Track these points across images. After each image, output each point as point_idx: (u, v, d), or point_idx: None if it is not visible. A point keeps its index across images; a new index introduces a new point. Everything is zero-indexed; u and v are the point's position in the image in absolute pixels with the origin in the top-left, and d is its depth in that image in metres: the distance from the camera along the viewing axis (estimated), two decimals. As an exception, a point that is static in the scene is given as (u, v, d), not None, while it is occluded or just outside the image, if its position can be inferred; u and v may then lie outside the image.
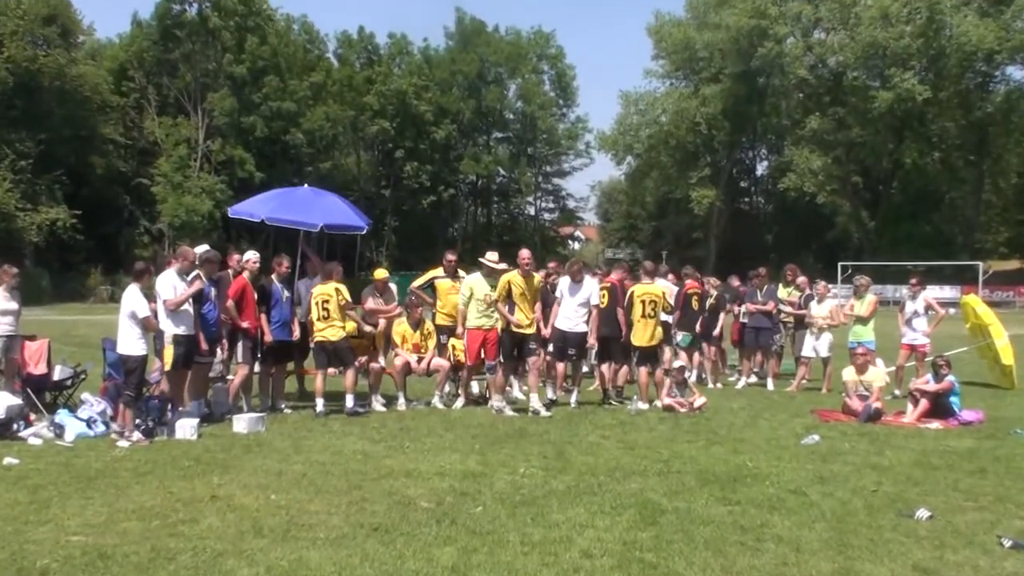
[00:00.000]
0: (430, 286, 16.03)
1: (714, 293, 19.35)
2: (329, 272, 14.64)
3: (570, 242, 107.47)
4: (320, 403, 14.02)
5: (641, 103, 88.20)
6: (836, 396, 16.07)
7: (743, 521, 8.07)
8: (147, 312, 11.83)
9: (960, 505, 8.78)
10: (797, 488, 9.30)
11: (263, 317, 14.13)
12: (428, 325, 15.69)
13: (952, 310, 36.43)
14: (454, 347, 15.66)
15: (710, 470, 10.17)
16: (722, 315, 19.38)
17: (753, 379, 19.34)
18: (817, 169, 76.53)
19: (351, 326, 14.56)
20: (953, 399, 14.36)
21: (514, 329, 14.38)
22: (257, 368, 14.55)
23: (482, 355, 14.63)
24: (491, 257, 14.98)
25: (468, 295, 14.57)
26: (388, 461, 10.47)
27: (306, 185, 17.14)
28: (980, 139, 74.11)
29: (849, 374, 14.98)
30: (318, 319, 14.16)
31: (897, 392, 17.12)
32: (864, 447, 11.80)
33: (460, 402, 15.04)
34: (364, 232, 16.36)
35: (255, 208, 15.71)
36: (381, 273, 16.17)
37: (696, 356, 18.74)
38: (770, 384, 18.47)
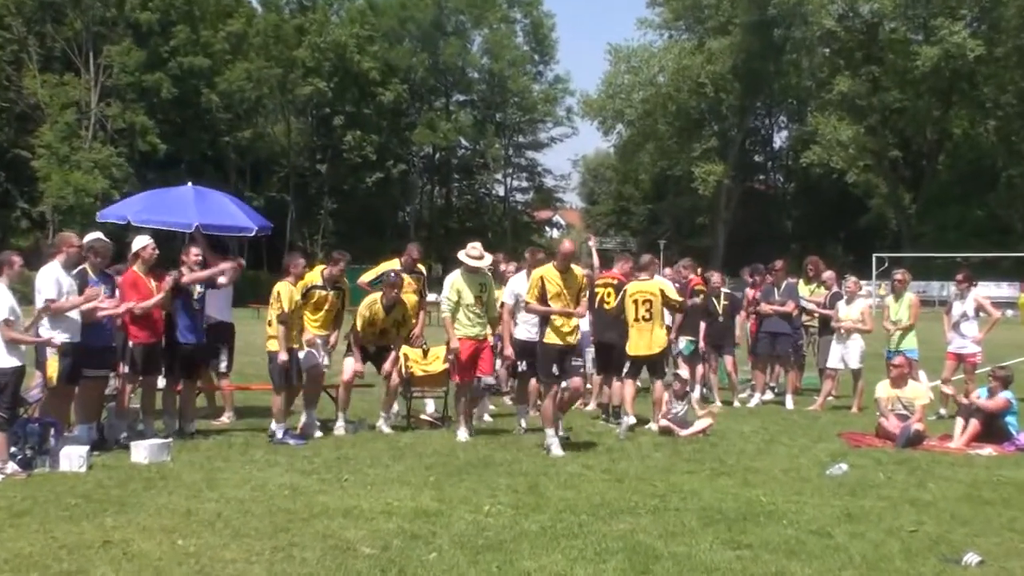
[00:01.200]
0: (382, 282, 16.02)
1: (724, 291, 19.44)
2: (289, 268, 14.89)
3: (548, 229, 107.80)
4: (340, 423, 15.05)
5: (634, 59, 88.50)
6: (869, 416, 16.17)
7: (755, 569, 8.11)
8: (7, 314, 11.49)
9: (1017, 548, 8.85)
10: (820, 528, 9.34)
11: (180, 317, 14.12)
12: (406, 310, 15.52)
13: (1009, 312, 36.83)
14: (406, 356, 15.65)
15: (715, 507, 10.19)
16: (738, 318, 19.50)
17: (769, 395, 19.45)
18: (847, 141, 76.97)
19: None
20: (1010, 419, 14.48)
21: (551, 340, 13.53)
22: (161, 383, 14.48)
23: (466, 371, 14.48)
24: (472, 252, 14.66)
25: (455, 299, 14.44)
26: (322, 497, 10.44)
27: (190, 184, 17.41)
28: (1044, 105, 74.63)
29: (884, 389, 15.08)
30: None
31: (943, 411, 17.26)
32: (902, 478, 11.87)
33: (463, 433, 14.39)
34: (253, 235, 16.82)
35: (124, 209, 16.58)
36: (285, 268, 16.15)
37: (700, 367, 18.82)
38: (789, 402, 18.57)
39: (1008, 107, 76.63)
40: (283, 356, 14.06)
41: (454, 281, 14.62)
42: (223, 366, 16.03)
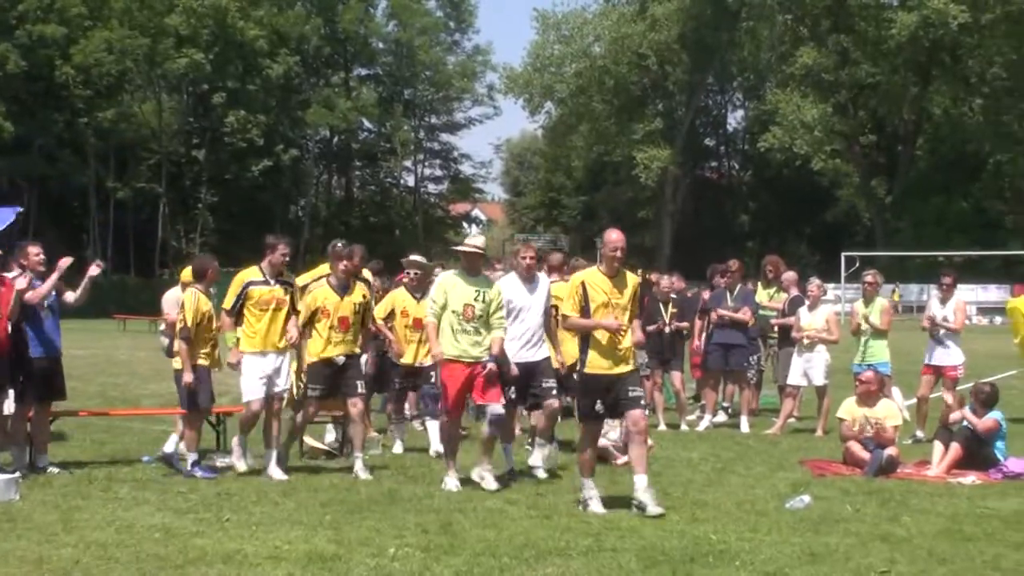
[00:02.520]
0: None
1: (672, 297, 19.56)
2: (204, 271, 14.85)
3: (466, 225, 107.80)
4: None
5: (565, 27, 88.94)
6: (836, 440, 16.35)
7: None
8: None
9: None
10: (778, 570, 9.44)
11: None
12: (368, 290, 15.27)
13: (998, 319, 37.37)
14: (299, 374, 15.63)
15: (658, 546, 10.25)
16: (698, 325, 19.63)
17: (721, 417, 19.59)
18: (812, 122, 77.76)
19: None
20: (998, 443, 14.70)
21: (596, 369, 11.98)
22: (9, 408, 14.33)
23: (467, 398, 13.40)
24: (474, 241, 13.67)
25: (441, 304, 13.21)
26: (199, 540, 10.39)
27: None
28: (1036, 80, 75.73)
29: (852, 409, 15.24)
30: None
31: (919, 434, 17.48)
32: (872, 511, 12.02)
33: (451, 482, 13.16)
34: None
35: None
36: (190, 272, 16.04)
37: (648, 384, 18.97)
38: (744, 425, 18.73)
39: (996, 83, 77.74)
40: (188, 376, 14.00)
41: (442, 280, 13.66)
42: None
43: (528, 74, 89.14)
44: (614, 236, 12.21)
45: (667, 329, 19.10)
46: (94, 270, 14.43)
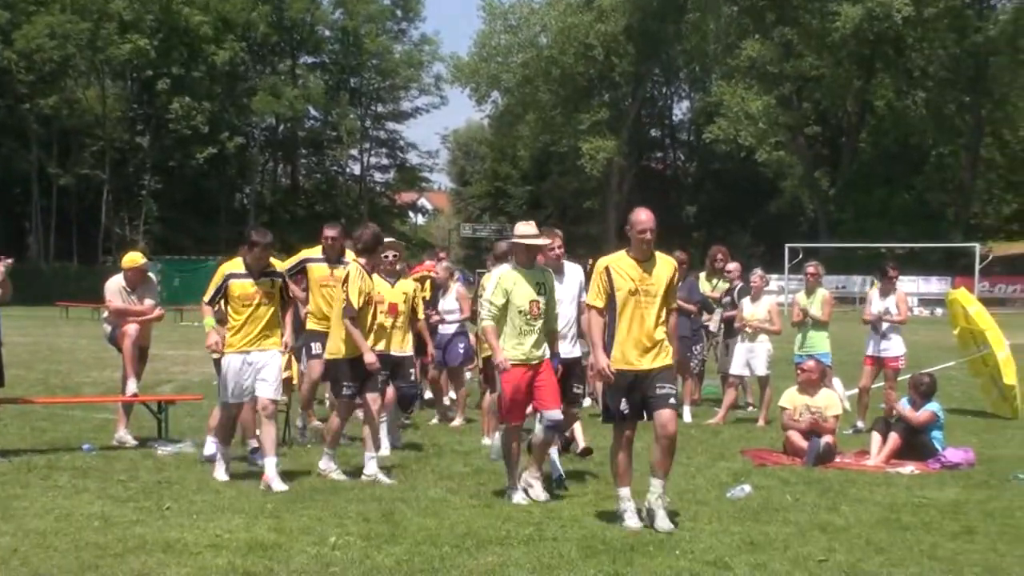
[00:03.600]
0: (301, 270, 15.81)
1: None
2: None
3: (412, 214, 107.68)
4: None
5: (512, 17, 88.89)
6: (777, 430, 16.44)
7: (641, 606, 8.21)
8: None
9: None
10: (718, 559, 9.50)
11: None
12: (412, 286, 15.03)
13: (939, 310, 37.66)
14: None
15: (598, 536, 10.32)
16: None
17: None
18: (756, 113, 78.08)
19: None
20: (935, 433, 14.83)
21: (620, 364, 10.82)
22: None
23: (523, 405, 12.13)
24: (527, 230, 12.12)
25: (500, 303, 11.93)
26: (139, 529, 10.36)
27: None
28: (978, 74, 76.35)
29: (793, 398, 15.33)
30: None
31: (860, 424, 17.60)
32: (812, 500, 12.10)
33: (519, 496, 11.95)
34: None
35: None
36: (134, 259, 15.95)
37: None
38: (687, 414, 18.79)
39: (939, 76, 78.27)
40: (370, 358, 13.18)
41: (501, 277, 12.11)
42: None
43: (475, 63, 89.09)
44: (643, 217, 10.97)
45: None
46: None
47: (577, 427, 14.54)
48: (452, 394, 19.09)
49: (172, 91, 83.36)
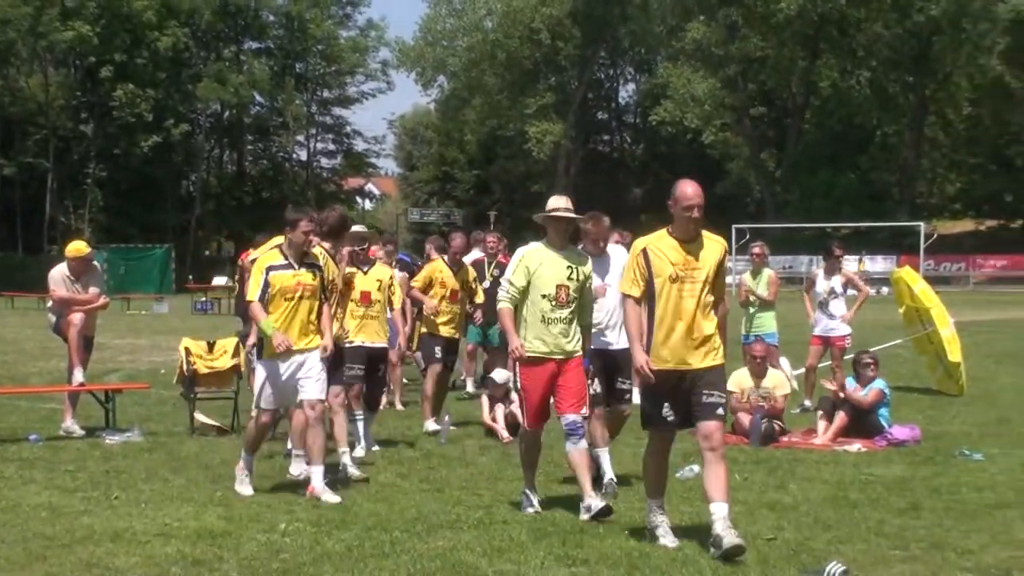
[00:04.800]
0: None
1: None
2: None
3: (359, 199, 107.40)
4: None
5: (457, 1, 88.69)
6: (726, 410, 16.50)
7: (592, 587, 8.22)
8: None
9: (885, 555, 9.15)
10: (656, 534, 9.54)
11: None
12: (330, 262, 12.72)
13: (884, 289, 37.94)
14: (188, 351, 15.55)
15: (548, 517, 10.35)
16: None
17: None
18: (702, 95, 78.31)
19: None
20: (881, 411, 14.95)
21: (660, 363, 9.39)
22: None
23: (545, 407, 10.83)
24: (558, 203, 10.82)
25: (521, 285, 10.60)
26: (87, 519, 10.30)
27: None
28: (921, 54, 76.82)
29: (740, 380, 15.40)
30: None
31: (807, 403, 17.71)
32: (760, 479, 12.17)
33: (531, 504, 10.79)
34: None
35: None
36: (78, 248, 15.85)
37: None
38: (636, 395, 18.79)
39: (882, 56, 78.71)
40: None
41: (525, 255, 10.74)
42: None
43: (420, 48, 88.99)
44: (689, 191, 9.52)
45: None
46: None
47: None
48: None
49: (116, 78, 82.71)
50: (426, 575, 8.51)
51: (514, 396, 15.16)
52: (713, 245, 9.55)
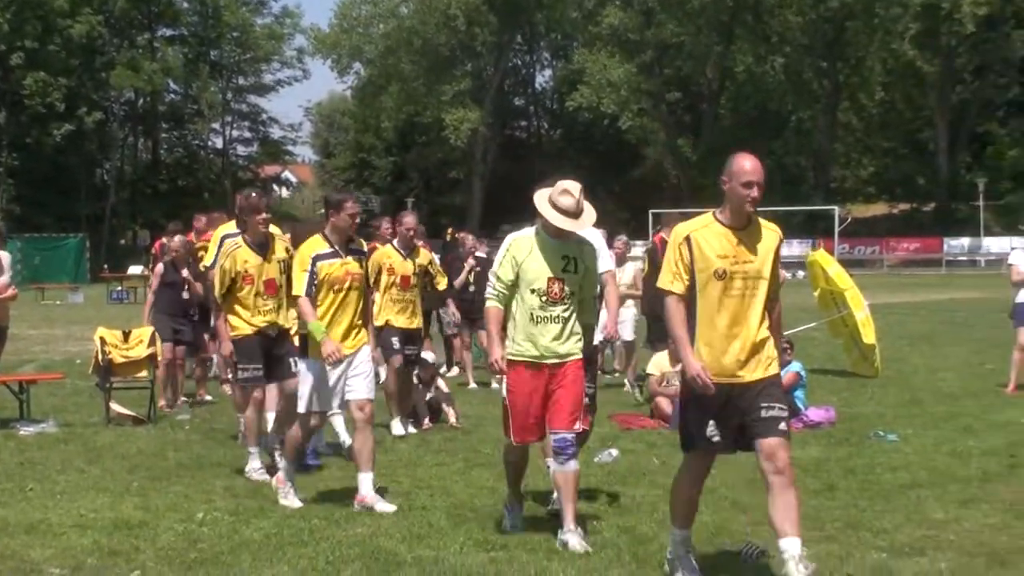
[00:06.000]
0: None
1: (479, 254, 19.66)
2: None
3: (276, 187, 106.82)
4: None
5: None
6: (644, 394, 16.59)
7: (510, 571, 8.28)
8: None
9: (801, 535, 9.24)
10: (587, 521, 9.58)
11: None
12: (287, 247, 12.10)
13: (800, 273, 38.25)
14: (103, 340, 15.44)
15: (468, 504, 10.39)
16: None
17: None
18: (618, 81, 78.54)
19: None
20: (797, 393, 15.07)
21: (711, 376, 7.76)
22: None
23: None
24: (567, 202, 9.36)
25: (509, 279, 9.26)
26: (1, 511, 10.23)
27: None
28: (835, 39, 77.49)
29: (661, 363, 15.47)
30: None
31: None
32: (678, 463, 12.17)
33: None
34: None
35: None
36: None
37: (457, 343, 19.15)
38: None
39: (796, 42, 79.32)
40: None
41: (512, 243, 9.43)
42: None
43: (336, 35, 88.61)
44: (748, 164, 8.09)
45: (471, 288, 19.09)
46: None
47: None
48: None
49: (27, 66, 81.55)
50: (345, 562, 8.50)
51: (440, 382, 15.18)
52: (768, 234, 8.11)
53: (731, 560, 8.52)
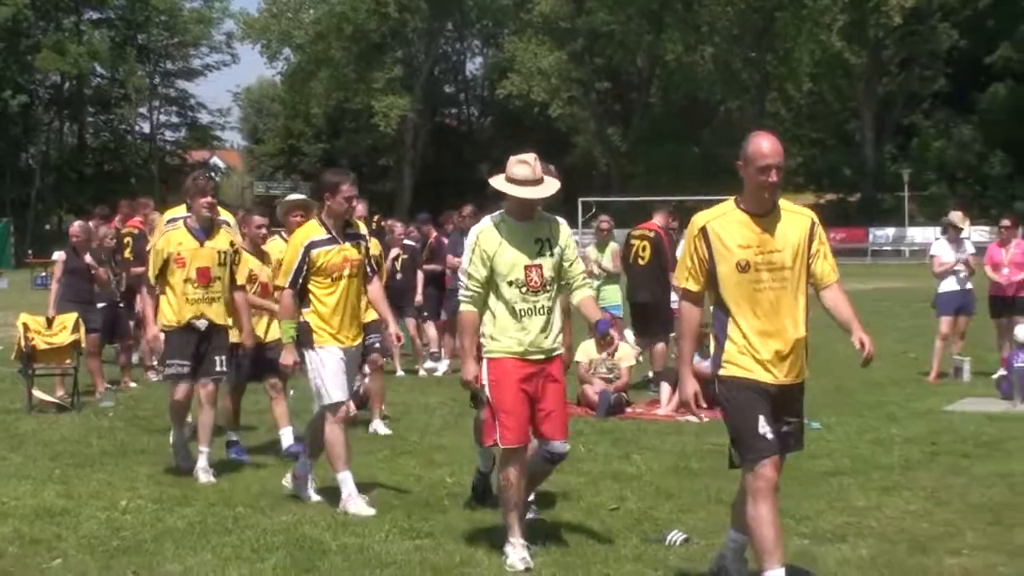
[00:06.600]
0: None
1: (407, 242, 19.65)
2: None
3: (207, 171, 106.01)
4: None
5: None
6: (572, 382, 16.60)
7: (436, 559, 8.30)
8: None
9: (725, 523, 9.21)
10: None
11: None
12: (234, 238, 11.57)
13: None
14: (26, 326, 15.32)
15: (393, 491, 10.41)
16: (419, 274, 19.72)
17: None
18: (549, 69, 78.63)
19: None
20: (723, 382, 15.17)
21: (745, 372, 7.21)
22: None
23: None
24: (523, 171, 8.64)
25: (482, 275, 8.33)
26: (-80, 499, 10.13)
27: None
28: (764, 29, 77.91)
29: (587, 351, 15.52)
30: None
31: (652, 375, 17.88)
32: (604, 450, 12.30)
33: (517, 557, 8.18)
34: None
35: None
36: None
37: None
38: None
39: (725, 31, 79.72)
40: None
41: (479, 236, 8.48)
42: None
43: (265, 20, 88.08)
44: (765, 146, 7.45)
45: (398, 276, 19.03)
46: None
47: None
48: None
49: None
50: (269, 550, 8.47)
51: (367, 369, 14.74)
52: (797, 219, 7.44)
53: (656, 547, 8.53)
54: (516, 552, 8.12)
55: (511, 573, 8.00)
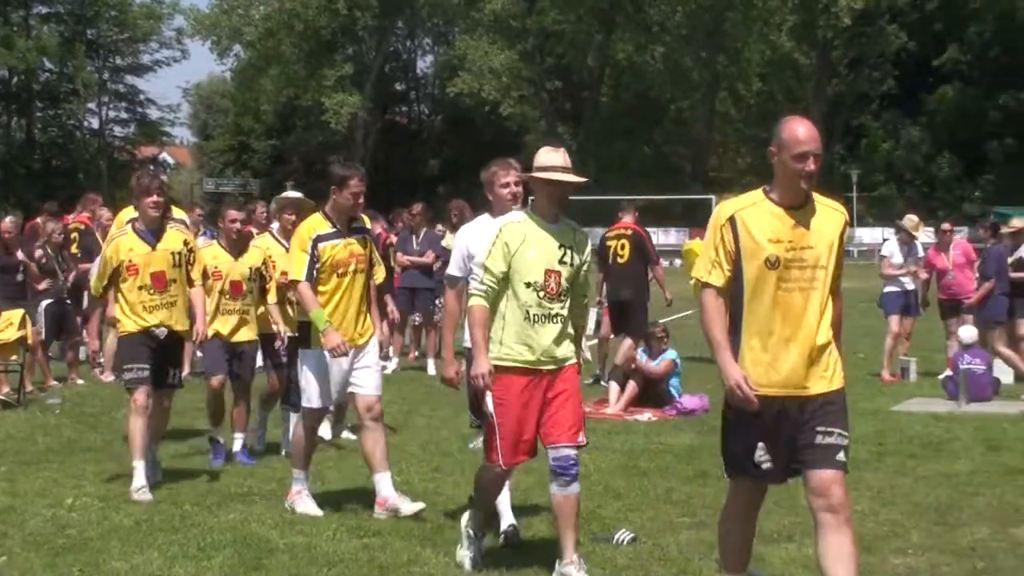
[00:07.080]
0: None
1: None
2: None
3: (153, 168, 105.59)
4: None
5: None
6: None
7: (384, 558, 8.30)
8: None
9: (673, 522, 9.34)
10: (460, 510, 9.54)
11: None
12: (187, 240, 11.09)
13: (678, 261, 38.58)
14: None
15: (341, 490, 10.42)
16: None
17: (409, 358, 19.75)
18: (499, 68, 78.68)
19: None
20: (672, 381, 15.26)
21: (763, 388, 6.53)
22: None
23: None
24: (554, 159, 7.94)
25: (500, 271, 7.81)
26: None
27: None
28: (714, 29, 78.24)
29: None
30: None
31: (600, 373, 17.93)
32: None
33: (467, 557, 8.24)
34: None
35: None
36: None
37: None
38: (431, 367, 18.91)
39: (675, 31, 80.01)
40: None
41: (503, 229, 7.91)
42: None
43: (215, 16, 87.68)
44: (802, 131, 6.57)
45: None
46: None
47: None
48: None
49: None
50: (216, 548, 8.46)
51: None
52: (830, 214, 6.74)
53: (604, 547, 8.55)
54: (465, 551, 8.10)
55: (459, 572, 7.99)
